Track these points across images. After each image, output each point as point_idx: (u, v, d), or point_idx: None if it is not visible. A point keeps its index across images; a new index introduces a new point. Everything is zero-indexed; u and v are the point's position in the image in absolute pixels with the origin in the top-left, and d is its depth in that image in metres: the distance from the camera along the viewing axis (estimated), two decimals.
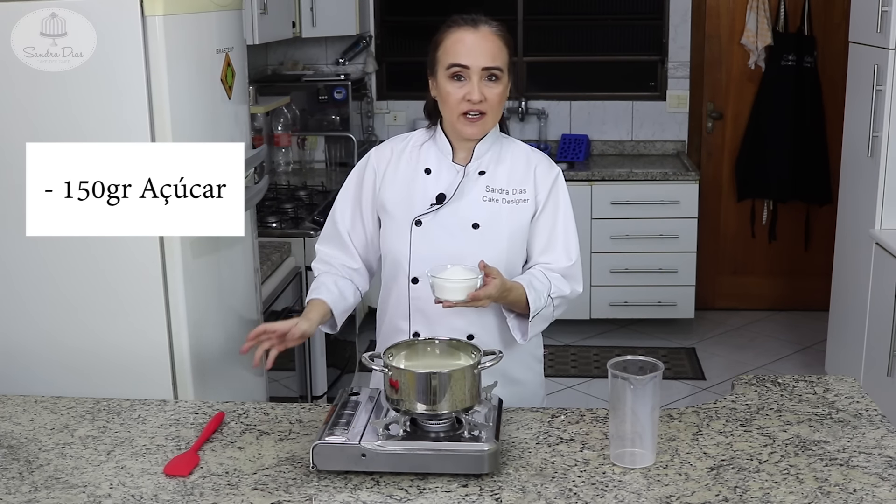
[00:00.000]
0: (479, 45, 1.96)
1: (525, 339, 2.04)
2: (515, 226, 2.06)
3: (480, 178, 2.06)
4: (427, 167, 2.08)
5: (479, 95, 1.96)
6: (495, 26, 2.01)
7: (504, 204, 2.05)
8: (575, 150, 5.21)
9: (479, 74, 1.96)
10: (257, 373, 2.81)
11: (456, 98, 1.98)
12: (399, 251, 2.06)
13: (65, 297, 2.28)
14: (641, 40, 5.37)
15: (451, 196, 2.03)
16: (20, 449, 1.84)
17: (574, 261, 2.10)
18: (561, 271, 2.08)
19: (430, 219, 2.04)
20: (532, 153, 2.13)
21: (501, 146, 2.10)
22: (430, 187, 2.06)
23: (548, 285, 2.03)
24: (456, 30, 1.99)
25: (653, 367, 1.69)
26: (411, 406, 1.70)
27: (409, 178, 2.08)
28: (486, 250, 2.01)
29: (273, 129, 4.91)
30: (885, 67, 3.54)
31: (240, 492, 1.65)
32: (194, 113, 2.35)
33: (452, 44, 1.98)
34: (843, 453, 1.75)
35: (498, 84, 1.98)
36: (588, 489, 1.63)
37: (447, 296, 1.82)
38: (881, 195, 3.63)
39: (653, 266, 4.90)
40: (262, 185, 2.82)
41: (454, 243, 2.02)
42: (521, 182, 2.08)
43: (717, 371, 4.61)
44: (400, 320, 2.09)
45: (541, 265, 2.08)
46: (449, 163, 2.08)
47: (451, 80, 1.98)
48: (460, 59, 1.96)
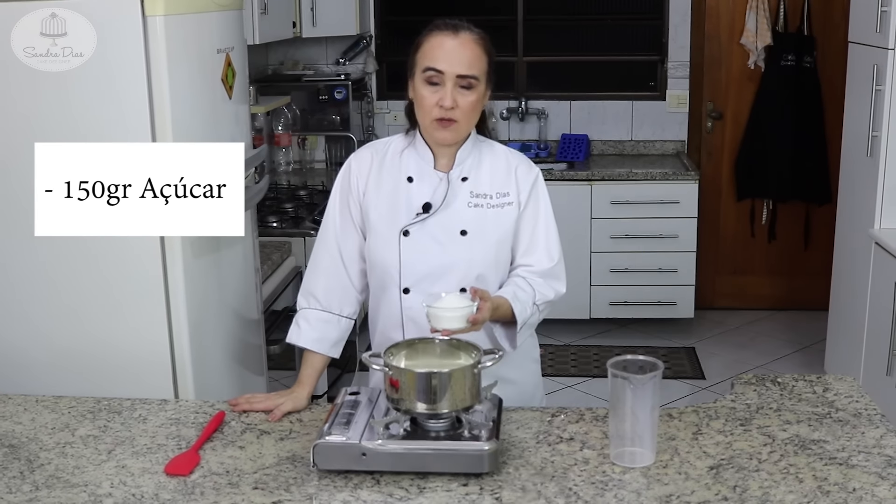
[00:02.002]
0: (457, 52, 1.94)
1: (514, 348, 2.04)
2: (502, 230, 2.05)
3: (464, 185, 2.05)
4: (409, 175, 2.06)
5: (452, 102, 1.94)
6: (476, 33, 1.98)
7: (489, 209, 2.04)
8: (575, 150, 5.21)
9: (454, 81, 1.94)
10: (257, 372, 2.81)
11: (430, 103, 1.96)
12: (388, 262, 2.04)
13: (65, 297, 2.28)
14: (641, 40, 5.37)
15: (440, 205, 2.02)
16: (21, 448, 1.84)
17: (556, 261, 2.09)
18: (543, 273, 2.07)
19: (418, 228, 2.02)
20: (511, 155, 2.12)
21: (481, 150, 2.09)
22: (414, 196, 2.04)
23: (532, 294, 2.03)
24: (436, 34, 1.97)
25: (652, 367, 1.69)
26: (411, 405, 1.70)
27: (392, 187, 2.06)
28: (476, 256, 2.02)
29: (273, 128, 4.91)
30: (885, 67, 3.54)
31: (240, 491, 1.65)
32: (195, 113, 2.35)
33: (431, 48, 1.96)
34: (843, 452, 1.75)
35: (472, 92, 1.96)
36: (588, 488, 1.63)
37: (445, 325, 1.79)
38: (880, 195, 3.63)
39: (653, 266, 4.90)
40: (262, 185, 2.82)
41: (443, 251, 2.02)
42: (504, 185, 2.07)
43: (717, 370, 4.61)
44: (392, 330, 2.08)
45: (523, 267, 2.08)
46: (431, 170, 2.06)
47: (426, 85, 1.96)
48: (436, 64, 1.94)
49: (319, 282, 2.12)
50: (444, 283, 2.01)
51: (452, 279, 2.02)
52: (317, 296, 2.11)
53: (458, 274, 2.02)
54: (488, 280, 2.04)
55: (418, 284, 2.03)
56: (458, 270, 2.02)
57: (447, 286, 2.00)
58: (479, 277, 2.03)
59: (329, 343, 2.10)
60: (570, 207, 4.79)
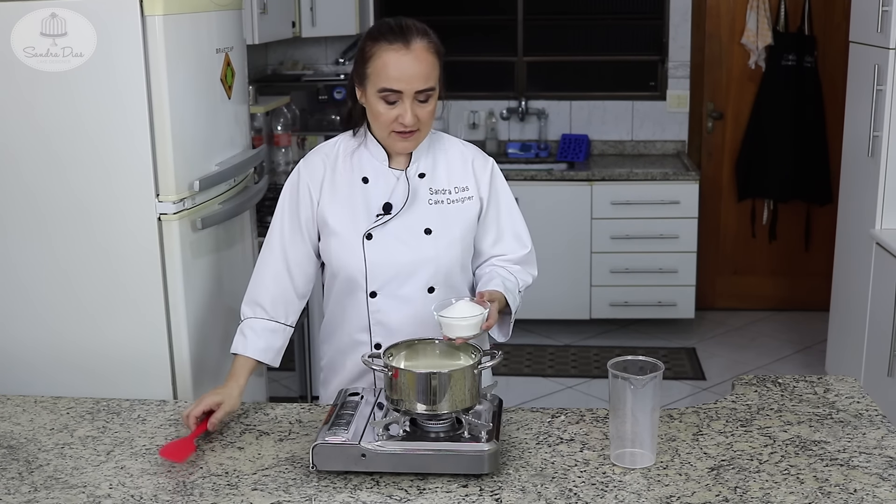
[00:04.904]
0: (412, 69, 1.87)
1: (507, 338, 2.04)
2: (465, 225, 2.04)
3: (422, 182, 2.02)
4: (364, 176, 2.02)
5: (413, 119, 1.90)
6: (427, 38, 1.91)
7: (450, 204, 2.03)
8: (575, 150, 5.21)
9: (412, 98, 1.90)
10: (258, 373, 2.80)
11: (386, 119, 1.92)
12: (353, 266, 2.00)
13: (65, 297, 2.28)
14: (641, 40, 5.37)
15: (402, 206, 1.98)
16: (20, 449, 1.83)
17: (530, 248, 2.10)
18: (519, 260, 2.08)
19: (380, 230, 1.99)
20: (465, 147, 2.10)
21: (434, 145, 2.06)
22: (372, 197, 2.00)
23: (516, 282, 2.04)
24: (387, 48, 1.88)
25: (653, 368, 1.69)
26: (411, 406, 1.69)
27: (348, 190, 2.01)
28: (442, 254, 2.01)
29: (273, 128, 4.90)
30: (886, 67, 3.53)
31: (240, 492, 1.65)
32: (194, 112, 2.35)
33: (384, 66, 1.88)
34: (844, 453, 1.74)
35: (430, 102, 1.93)
36: (588, 489, 1.63)
37: (459, 333, 1.78)
38: (881, 195, 3.62)
39: (653, 266, 4.89)
40: (261, 185, 2.82)
41: (409, 251, 1.99)
42: (462, 179, 2.05)
43: (718, 371, 4.60)
44: (359, 333, 2.06)
45: (497, 258, 2.07)
46: (386, 169, 2.02)
47: (382, 102, 1.91)
48: (392, 85, 1.88)
49: (266, 291, 2.06)
50: (412, 283, 2.00)
51: (420, 279, 2.01)
52: (263, 305, 2.05)
53: (426, 273, 2.01)
54: (455, 276, 2.04)
55: (385, 287, 2.01)
56: (426, 270, 2.01)
57: (415, 286, 2.00)
58: (447, 275, 2.03)
59: (274, 352, 2.06)
60: (570, 208, 4.79)
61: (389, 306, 2.02)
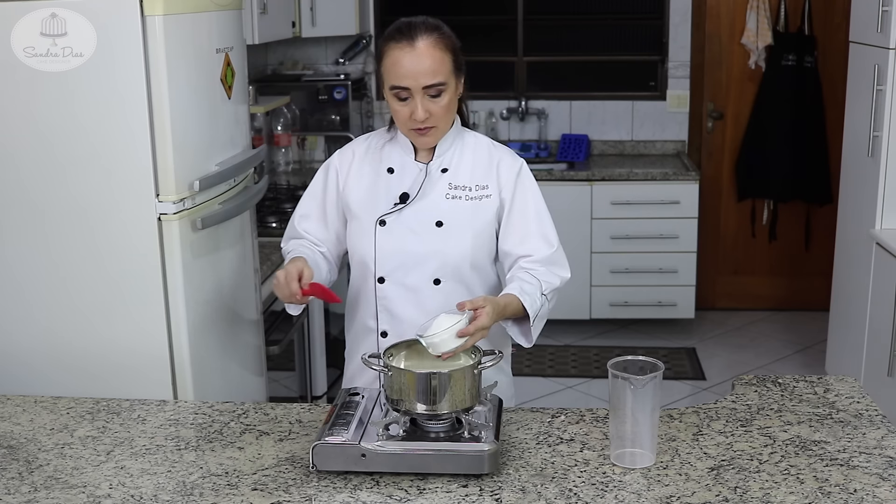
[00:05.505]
0: (417, 65, 1.92)
1: (531, 343, 2.03)
2: (479, 222, 2.06)
3: (443, 176, 2.06)
4: (390, 166, 2.09)
5: (424, 114, 1.95)
6: (434, 35, 1.95)
7: (467, 201, 2.05)
8: (575, 150, 5.21)
9: (422, 93, 1.94)
10: (257, 373, 2.81)
11: (403, 116, 1.98)
12: (365, 251, 2.07)
13: (65, 298, 2.27)
14: (641, 40, 5.37)
15: (416, 195, 2.04)
16: (20, 449, 1.83)
17: (556, 247, 2.08)
18: (544, 260, 2.06)
19: (394, 218, 2.04)
20: (494, 147, 2.12)
21: (464, 141, 2.10)
22: (394, 186, 2.06)
23: (538, 284, 2.01)
24: (393, 47, 1.94)
25: (653, 368, 1.69)
26: (411, 406, 1.70)
27: (373, 178, 2.09)
28: (450, 248, 2.03)
29: (273, 128, 4.90)
30: (886, 67, 3.53)
31: (239, 492, 1.65)
32: (194, 113, 2.35)
33: (391, 65, 1.94)
34: (844, 453, 1.74)
35: (443, 96, 1.96)
36: (588, 489, 1.63)
37: (442, 349, 1.75)
38: (881, 195, 3.62)
39: (653, 266, 4.90)
40: (261, 186, 2.82)
41: (418, 241, 2.03)
42: (484, 178, 2.07)
43: (718, 371, 4.61)
44: (369, 319, 2.11)
45: (523, 258, 2.06)
46: (412, 161, 2.08)
47: (396, 99, 1.97)
48: (399, 82, 1.94)
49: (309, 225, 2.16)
50: (418, 273, 2.03)
51: (427, 270, 2.04)
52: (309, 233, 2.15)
53: (433, 265, 2.04)
54: (464, 272, 2.05)
55: (392, 274, 2.05)
56: (433, 261, 2.03)
57: (421, 277, 2.03)
58: (455, 269, 2.04)
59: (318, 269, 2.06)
60: (570, 208, 4.79)
61: (396, 293, 2.06)
